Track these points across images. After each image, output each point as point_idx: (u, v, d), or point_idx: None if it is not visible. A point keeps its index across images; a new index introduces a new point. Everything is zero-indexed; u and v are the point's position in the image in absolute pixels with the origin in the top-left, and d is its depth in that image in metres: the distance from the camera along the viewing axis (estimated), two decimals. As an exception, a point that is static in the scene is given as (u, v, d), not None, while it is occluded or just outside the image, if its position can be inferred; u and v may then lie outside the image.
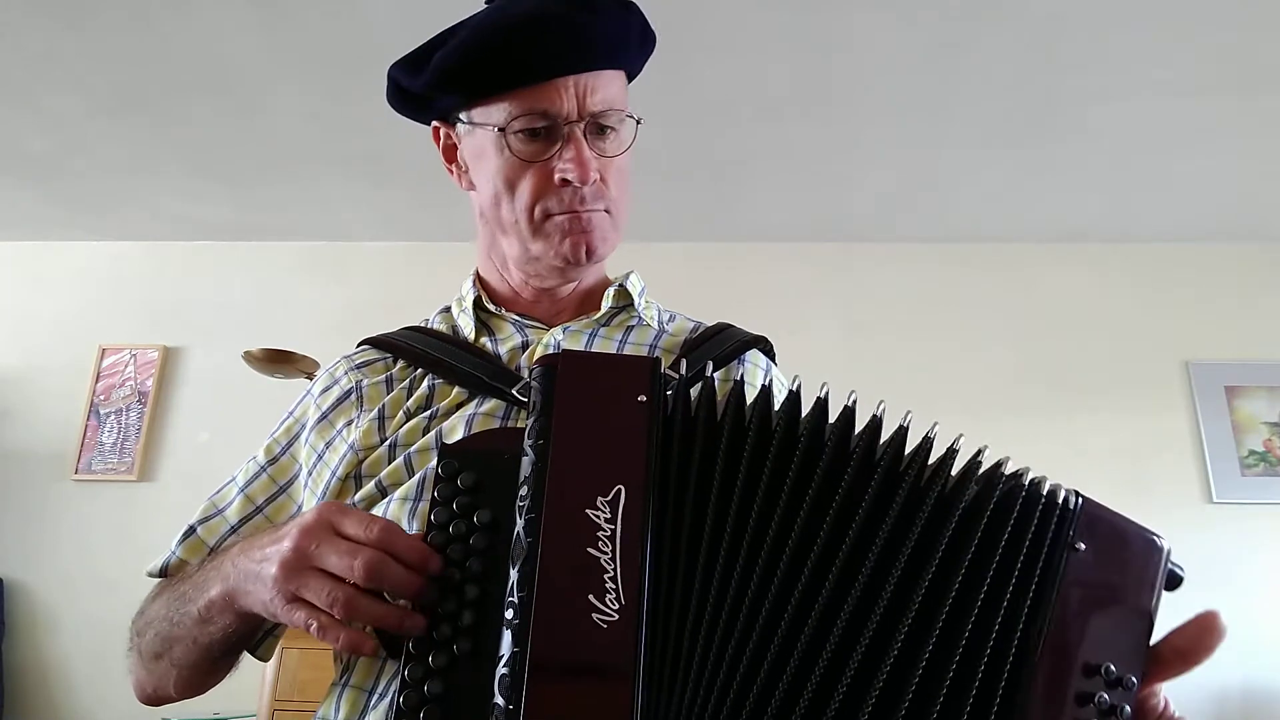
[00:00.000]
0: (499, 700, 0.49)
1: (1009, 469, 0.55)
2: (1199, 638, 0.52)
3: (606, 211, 0.81)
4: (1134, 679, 0.51)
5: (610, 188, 0.81)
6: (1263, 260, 3.15)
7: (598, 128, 0.79)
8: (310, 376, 2.70)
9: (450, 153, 0.87)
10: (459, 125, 0.84)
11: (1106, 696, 0.51)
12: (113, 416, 3.28)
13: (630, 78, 0.85)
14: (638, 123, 0.82)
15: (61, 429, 3.28)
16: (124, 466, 3.22)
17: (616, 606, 0.50)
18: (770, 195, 3.05)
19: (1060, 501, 0.54)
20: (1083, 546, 0.53)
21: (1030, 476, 0.55)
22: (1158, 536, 0.55)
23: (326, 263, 3.45)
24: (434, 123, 0.87)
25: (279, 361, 2.77)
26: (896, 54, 2.29)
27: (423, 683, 0.52)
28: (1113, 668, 0.51)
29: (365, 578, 0.55)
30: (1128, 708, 0.51)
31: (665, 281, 0.95)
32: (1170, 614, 0.54)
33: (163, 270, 3.50)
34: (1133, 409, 3.00)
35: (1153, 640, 0.53)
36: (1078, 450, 2.88)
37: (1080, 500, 0.54)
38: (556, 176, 0.78)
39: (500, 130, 0.77)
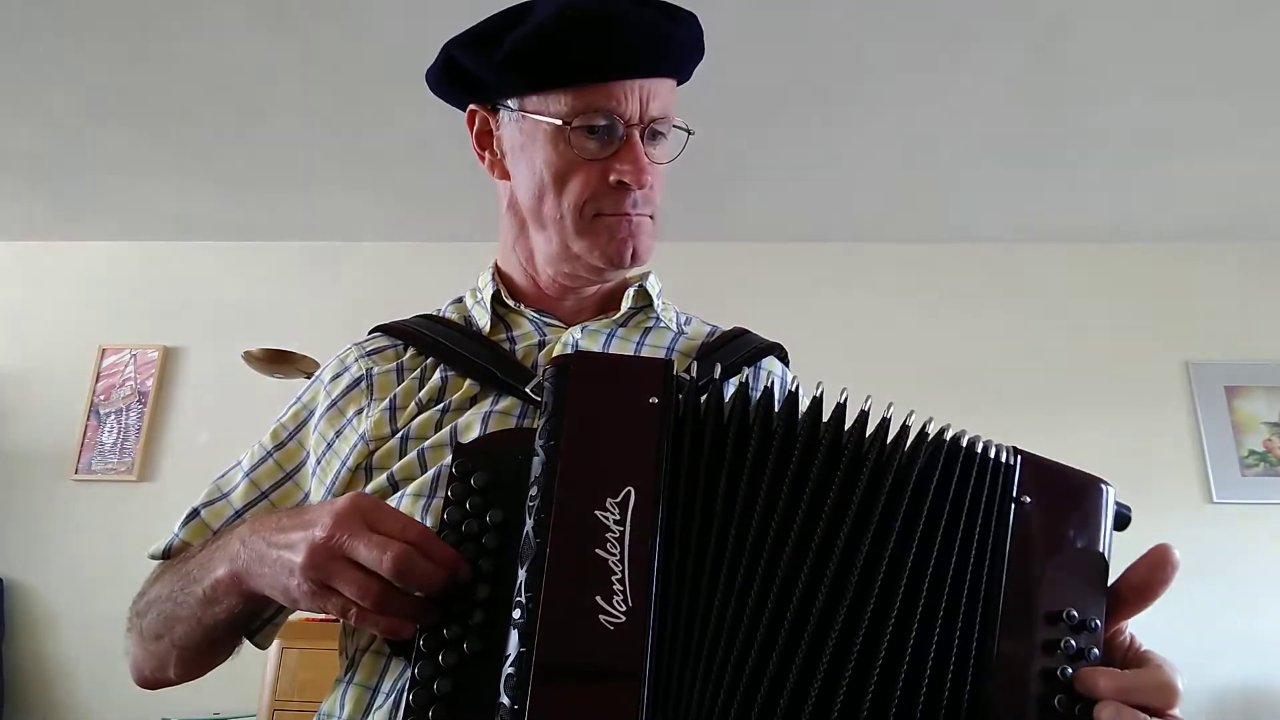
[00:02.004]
0: (504, 700, 0.49)
1: (949, 435, 0.56)
2: (1154, 571, 0.53)
3: (650, 217, 0.81)
4: (1097, 621, 0.52)
5: (654, 194, 0.81)
6: (1263, 260, 3.16)
7: (651, 134, 0.79)
8: (310, 377, 2.70)
9: (484, 138, 0.85)
10: (503, 111, 0.82)
11: (1073, 641, 0.51)
12: (113, 416, 3.28)
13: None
14: (689, 134, 0.82)
15: (61, 429, 3.28)
16: (124, 466, 3.22)
17: (624, 608, 0.50)
18: (770, 195, 3.05)
19: (1002, 460, 0.55)
20: (1028, 500, 0.54)
21: (966, 438, 0.55)
22: (1102, 480, 0.55)
23: (326, 263, 3.45)
24: (471, 105, 0.84)
25: (279, 361, 2.77)
26: (897, 54, 2.29)
27: (432, 681, 0.52)
28: (1074, 613, 0.52)
29: (393, 572, 0.54)
30: (1095, 649, 0.52)
31: (665, 282, 0.94)
32: (1172, 609, 0.54)
33: (163, 270, 3.50)
34: (1133, 409, 3.00)
35: (1110, 581, 0.54)
36: (1077, 450, 2.85)
37: (1019, 455, 0.55)
38: (612, 178, 0.77)
39: (563, 124, 0.76)
